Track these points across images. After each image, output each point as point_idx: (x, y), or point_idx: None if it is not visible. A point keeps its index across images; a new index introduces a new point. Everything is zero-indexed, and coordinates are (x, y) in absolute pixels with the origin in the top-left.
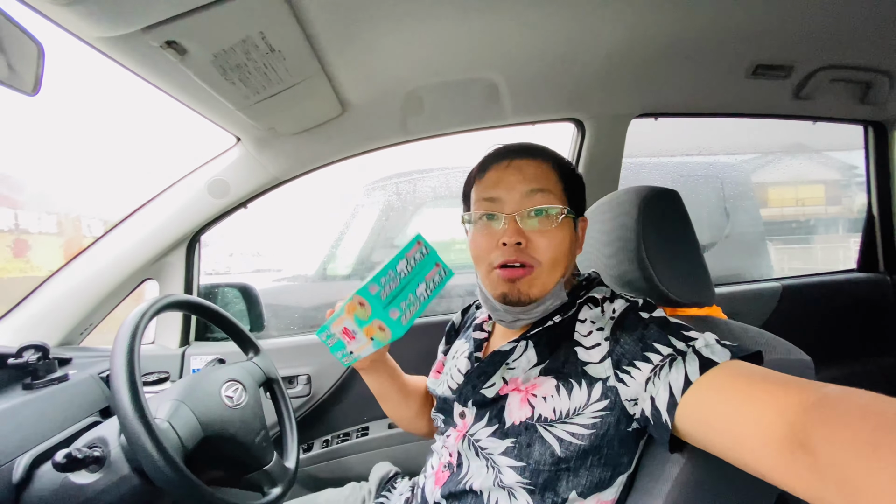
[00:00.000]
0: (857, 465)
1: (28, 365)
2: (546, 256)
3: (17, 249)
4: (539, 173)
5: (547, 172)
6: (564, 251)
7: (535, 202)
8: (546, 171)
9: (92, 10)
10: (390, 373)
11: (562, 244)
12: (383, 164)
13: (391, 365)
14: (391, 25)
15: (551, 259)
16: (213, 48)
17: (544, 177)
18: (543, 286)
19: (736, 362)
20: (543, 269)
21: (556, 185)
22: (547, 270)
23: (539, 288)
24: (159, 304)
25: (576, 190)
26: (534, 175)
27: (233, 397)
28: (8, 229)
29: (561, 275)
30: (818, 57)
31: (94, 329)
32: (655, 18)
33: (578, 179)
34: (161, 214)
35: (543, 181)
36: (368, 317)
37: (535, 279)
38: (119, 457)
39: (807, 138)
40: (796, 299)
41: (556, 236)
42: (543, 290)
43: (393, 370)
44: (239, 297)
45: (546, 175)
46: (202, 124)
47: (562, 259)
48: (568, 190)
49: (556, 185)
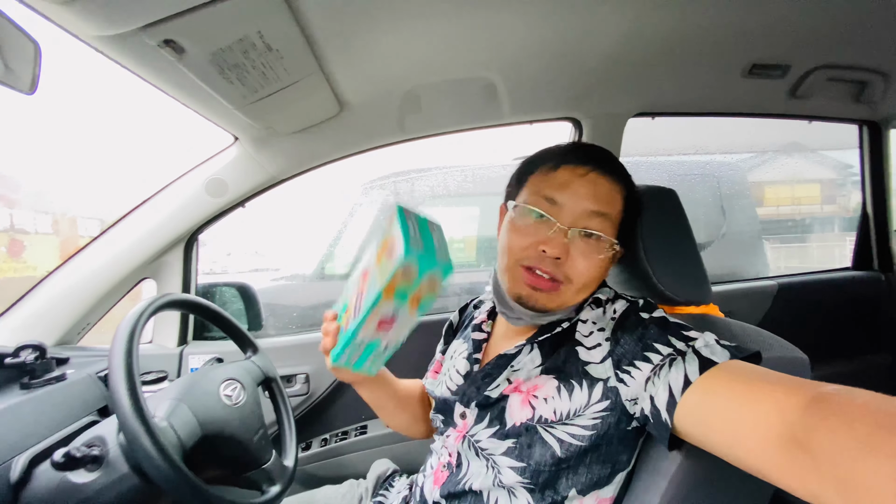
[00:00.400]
0: (855, 463)
1: (25, 364)
2: (579, 279)
3: (13, 249)
4: (610, 197)
5: (616, 197)
6: (597, 278)
7: (593, 225)
8: (615, 196)
9: (89, 8)
10: (383, 381)
11: (598, 271)
12: (381, 163)
13: (384, 373)
14: (389, 25)
15: (583, 283)
16: (211, 47)
17: (612, 201)
18: (563, 303)
19: (735, 362)
20: (571, 288)
21: (618, 214)
22: (574, 291)
23: (558, 304)
24: (157, 303)
25: (631, 218)
26: (605, 196)
27: (231, 396)
28: (3, 229)
29: (586, 297)
30: (814, 56)
31: (92, 328)
32: (652, 18)
33: (638, 207)
34: (159, 213)
35: (609, 206)
36: (414, 280)
37: (559, 296)
38: (117, 456)
39: (802, 137)
40: (792, 297)
41: (596, 264)
42: (562, 306)
43: (386, 378)
44: (237, 297)
45: (614, 200)
46: (200, 123)
47: (592, 284)
48: (625, 218)
49: (618, 213)
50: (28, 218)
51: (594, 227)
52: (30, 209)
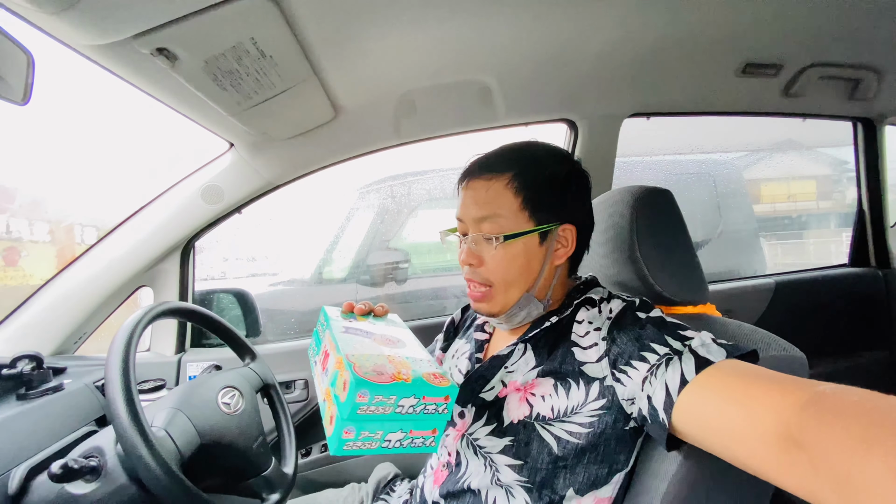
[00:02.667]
0: (850, 461)
1: (22, 375)
2: (497, 277)
3: (9, 258)
4: (489, 197)
5: (498, 193)
6: (518, 271)
7: (483, 229)
8: (497, 192)
9: (81, 18)
10: None
11: (510, 266)
12: (378, 167)
13: None
14: (383, 29)
15: (502, 280)
16: (205, 54)
17: (493, 200)
18: (503, 303)
19: (732, 361)
20: (497, 288)
21: (511, 204)
22: (501, 290)
23: (500, 305)
24: (154, 311)
25: (546, 198)
26: (483, 199)
27: (230, 404)
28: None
29: (522, 291)
30: (807, 55)
31: (89, 338)
32: (646, 19)
33: (555, 184)
34: (155, 221)
35: (491, 206)
36: (336, 398)
37: (493, 298)
38: (116, 466)
39: (797, 135)
40: (789, 295)
41: (502, 258)
42: (505, 306)
43: None
44: (234, 303)
45: (496, 197)
46: (195, 130)
47: (517, 278)
48: (531, 203)
49: (509, 203)
50: (24, 226)
51: (484, 230)
52: (26, 217)
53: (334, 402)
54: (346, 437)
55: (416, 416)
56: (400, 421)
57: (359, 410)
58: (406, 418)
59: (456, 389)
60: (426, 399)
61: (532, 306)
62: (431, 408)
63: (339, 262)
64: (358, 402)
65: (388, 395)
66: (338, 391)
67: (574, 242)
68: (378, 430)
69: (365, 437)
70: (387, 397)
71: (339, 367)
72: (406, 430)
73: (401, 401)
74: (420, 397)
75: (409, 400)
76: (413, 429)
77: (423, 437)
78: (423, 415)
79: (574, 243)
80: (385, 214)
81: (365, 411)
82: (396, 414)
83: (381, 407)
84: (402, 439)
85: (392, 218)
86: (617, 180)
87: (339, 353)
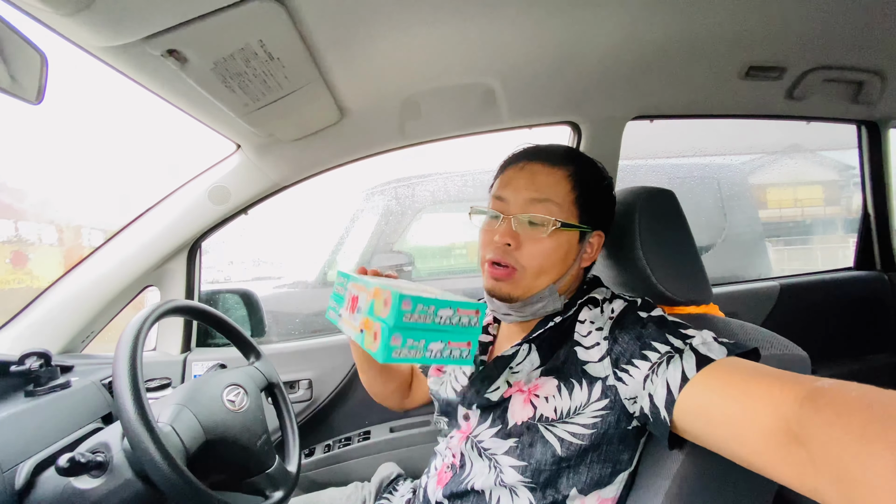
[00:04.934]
0: (850, 456)
1: (30, 372)
2: (531, 263)
3: (17, 260)
4: (549, 182)
5: (558, 182)
6: (554, 261)
7: (535, 210)
8: (557, 181)
9: (95, 20)
10: None
11: (551, 254)
12: (383, 169)
13: None
14: (388, 32)
15: (536, 266)
16: (214, 56)
17: (553, 186)
18: (526, 289)
19: (732, 359)
20: (527, 273)
21: (566, 196)
22: (531, 276)
23: (522, 290)
24: (161, 309)
25: (594, 202)
26: (543, 183)
27: (235, 401)
28: (7, 240)
29: (550, 282)
30: (810, 58)
31: (96, 337)
32: (649, 22)
33: (603, 192)
34: (162, 221)
35: (549, 191)
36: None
37: (518, 282)
38: (122, 462)
39: (803, 138)
40: (794, 298)
41: (545, 246)
42: (527, 292)
43: None
44: (240, 303)
45: (555, 185)
46: (202, 132)
47: (550, 268)
48: (582, 201)
49: (565, 195)
50: (32, 229)
51: (537, 212)
52: (34, 220)
53: (376, 321)
54: (393, 343)
55: (452, 327)
56: (440, 332)
57: (404, 318)
58: (444, 329)
59: (484, 306)
60: (461, 312)
61: (551, 300)
62: (465, 320)
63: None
64: (403, 309)
65: (428, 304)
66: (378, 313)
67: (598, 251)
68: (421, 338)
69: (410, 346)
70: (427, 306)
71: (376, 295)
72: (445, 342)
73: (439, 311)
74: (455, 309)
75: (447, 311)
76: (451, 340)
77: (460, 350)
78: (459, 327)
79: (598, 252)
80: (389, 217)
81: (409, 319)
82: (436, 324)
83: (424, 316)
84: (441, 350)
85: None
86: (621, 182)
87: (373, 287)
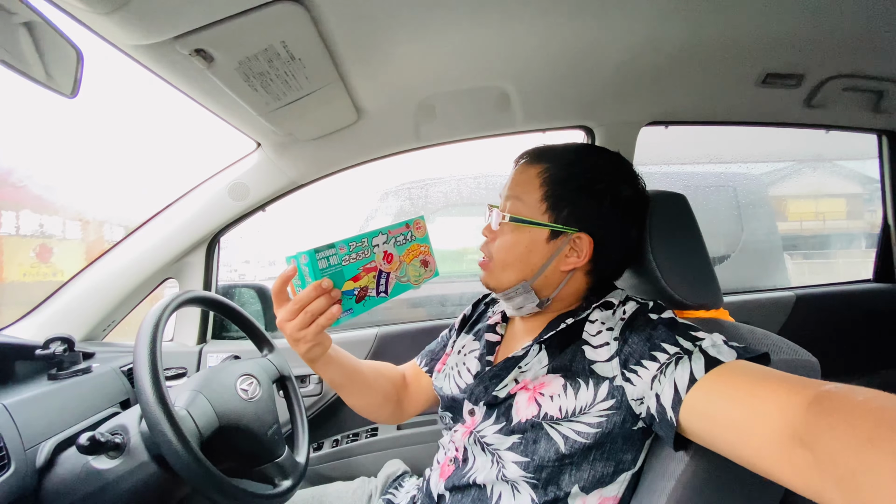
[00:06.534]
0: (855, 461)
1: (54, 356)
2: (497, 255)
3: (42, 254)
4: (521, 180)
5: (529, 180)
6: (516, 256)
7: (508, 207)
8: (529, 179)
9: (129, 19)
10: (337, 360)
11: (511, 249)
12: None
13: (338, 353)
14: (406, 36)
15: (500, 260)
16: (238, 56)
17: (523, 184)
18: (497, 281)
19: (741, 362)
20: (495, 265)
21: (533, 194)
22: (498, 268)
23: (494, 281)
24: (181, 298)
25: (567, 201)
26: (516, 181)
27: (247, 390)
28: (33, 234)
29: (518, 278)
30: (829, 66)
31: (116, 326)
32: (665, 28)
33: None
34: (183, 216)
35: (519, 188)
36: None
37: (491, 272)
38: (138, 444)
39: (822, 147)
40: (810, 309)
41: (504, 240)
42: (498, 284)
43: (340, 358)
44: (255, 298)
45: (526, 183)
46: (225, 132)
47: (513, 263)
48: (551, 198)
49: (532, 193)
50: (58, 224)
51: (507, 209)
52: (61, 215)
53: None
54: None
55: None
56: None
57: None
58: None
59: None
60: None
61: (528, 297)
62: None
63: None
64: None
65: None
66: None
67: (588, 255)
68: None
69: None
70: None
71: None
72: None
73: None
74: None
75: None
76: None
77: None
78: None
79: (588, 256)
80: (402, 218)
81: None
82: None
83: None
84: None
85: None
86: None
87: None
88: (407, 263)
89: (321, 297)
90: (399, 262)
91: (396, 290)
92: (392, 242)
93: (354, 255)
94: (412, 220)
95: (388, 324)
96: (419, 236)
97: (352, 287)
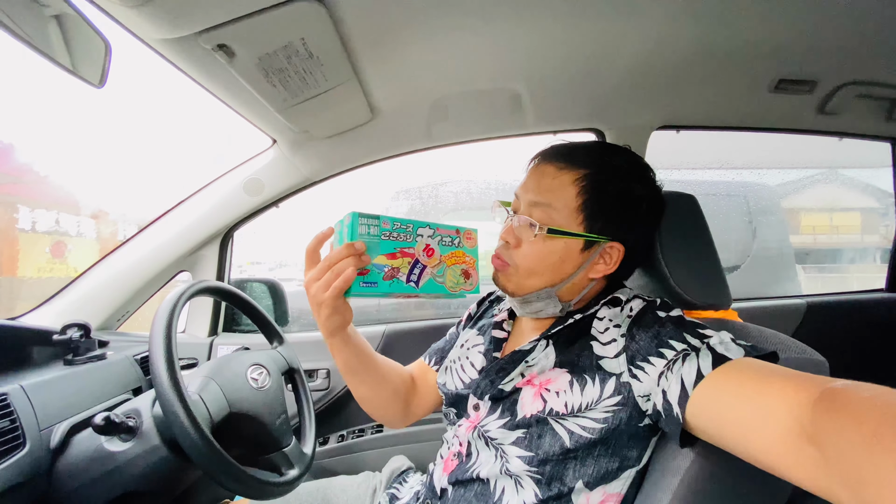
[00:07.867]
0: (861, 457)
1: (71, 342)
2: (522, 263)
3: (56, 251)
4: (552, 186)
5: (563, 186)
6: (547, 266)
7: (533, 213)
8: (562, 185)
9: (156, 13)
10: (357, 344)
11: (543, 258)
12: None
13: (359, 338)
14: (421, 37)
15: (526, 267)
16: (259, 52)
17: (555, 191)
18: (518, 286)
19: (748, 359)
20: (519, 272)
21: (569, 201)
22: (522, 275)
23: (514, 286)
24: (196, 287)
25: (607, 210)
26: (546, 187)
27: (258, 380)
28: (48, 230)
29: (544, 284)
30: (843, 72)
31: (130, 317)
32: (678, 32)
33: (622, 199)
34: (198, 209)
35: (550, 195)
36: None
37: (510, 278)
38: (151, 428)
39: (835, 154)
40: (821, 317)
41: (536, 249)
42: (519, 289)
43: (359, 342)
44: (266, 293)
45: (559, 189)
46: (243, 129)
47: (542, 271)
48: (591, 208)
49: (568, 199)
50: (72, 221)
51: (534, 215)
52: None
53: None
54: None
55: None
56: None
57: None
58: None
59: None
60: None
61: (550, 302)
62: None
63: None
64: None
65: None
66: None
67: (618, 263)
68: None
69: None
70: None
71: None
72: None
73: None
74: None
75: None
76: None
77: None
78: None
79: (617, 264)
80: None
81: None
82: None
83: None
84: None
85: None
86: None
87: None
88: (447, 266)
89: (350, 258)
90: (439, 261)
91: (429, 286)
92: (437, 239)
93: (396, 235)
94: (464, 228)
95: (396, 321)
96: (468, 246)
97: (384, 263)
